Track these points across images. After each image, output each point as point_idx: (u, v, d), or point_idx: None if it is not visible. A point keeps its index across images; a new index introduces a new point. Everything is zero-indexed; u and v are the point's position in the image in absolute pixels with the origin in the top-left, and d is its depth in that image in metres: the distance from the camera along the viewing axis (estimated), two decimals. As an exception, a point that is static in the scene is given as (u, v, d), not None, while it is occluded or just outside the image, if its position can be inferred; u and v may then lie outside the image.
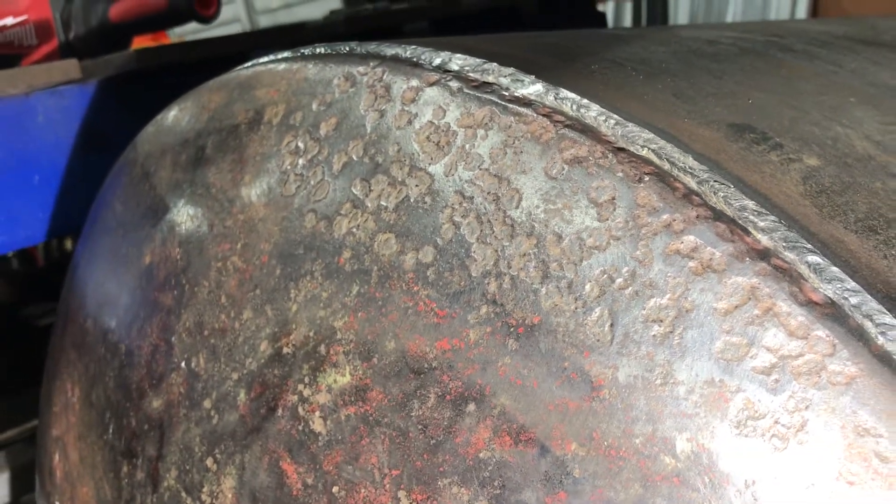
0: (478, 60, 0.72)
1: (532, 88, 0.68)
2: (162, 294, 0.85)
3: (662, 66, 0.81)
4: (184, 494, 0.78)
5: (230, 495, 0.74)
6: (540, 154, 0.64)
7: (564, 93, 0.67)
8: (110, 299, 0.94)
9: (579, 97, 0.66)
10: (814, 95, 0.84)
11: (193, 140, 0.89)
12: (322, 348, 0.70)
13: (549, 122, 0.65)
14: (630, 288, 0.58)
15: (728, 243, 0.57)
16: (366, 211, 0.70)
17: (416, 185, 0.68)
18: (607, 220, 0.60)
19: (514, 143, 0.65)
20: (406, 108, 0.71)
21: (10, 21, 1.71)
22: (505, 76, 0.69)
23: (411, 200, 0.68)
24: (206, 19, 1.66)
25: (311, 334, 0.71)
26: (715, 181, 0.60)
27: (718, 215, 0.58)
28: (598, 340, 0.58)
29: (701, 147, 0.65)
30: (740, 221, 0.58)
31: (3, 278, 2.63)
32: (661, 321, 0.57)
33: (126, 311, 0.90)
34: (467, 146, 0.67)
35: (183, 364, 0.80)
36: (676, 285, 0.57)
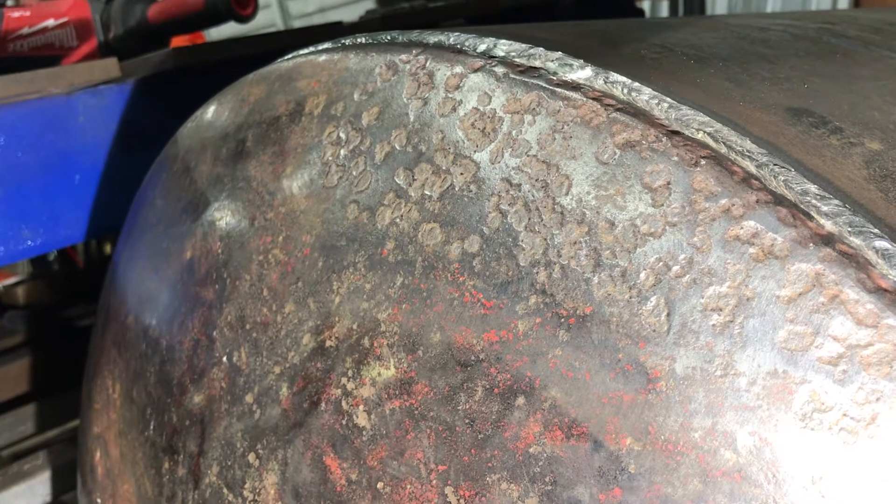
0: (523, 45, 0.70)
1: (580, 73, 0.66)
2: (203, 288, 0.84)
3: (714, 52, 0.79)
4: (225, 491, 0.77)
5: (272, 491, 0.72)
6: (590, 139, 0.62)
7: (614, 76, 0.65)
8: (151, 295, 0.94)
9: (630, 80, 0.64)
10: (871, 80, 0.80)
11: (234, 134, 0.88)
12: (366, 341, 0.68)
13: (599, 106, 0.63)
14: (687, 276, 0.56)
15: (790, 228, 0.54)
16: (409, 201, 0.69)
17: (461, 174, 0.66)
18: (662, 205, 0.58)
19: (562, 128, 0.63)
20: (450, 95, 0.70)
21: (51, 23, 1.73)
22: (552, 60, 0.67)
23: (456, 189, 0.66)
24: (244, 19, 1.66)
25: (355, 327, 0.69)
26: (774, 165, 0.57)
27: (779, 200, 0.56)
28: (654, 331, 0.56)
29: (758, 130, 0.62)
30: (802, 206, 0.55)
31: (45, 280, 2.66)
32: (721, 310, 0.54)
33: (167, 307, 0.89)
34: (514, 132, 0.65)
35: (224, 358, 0.79)
36: (736, 272, 0.55)
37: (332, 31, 1.61)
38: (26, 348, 2.17)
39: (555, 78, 0.66)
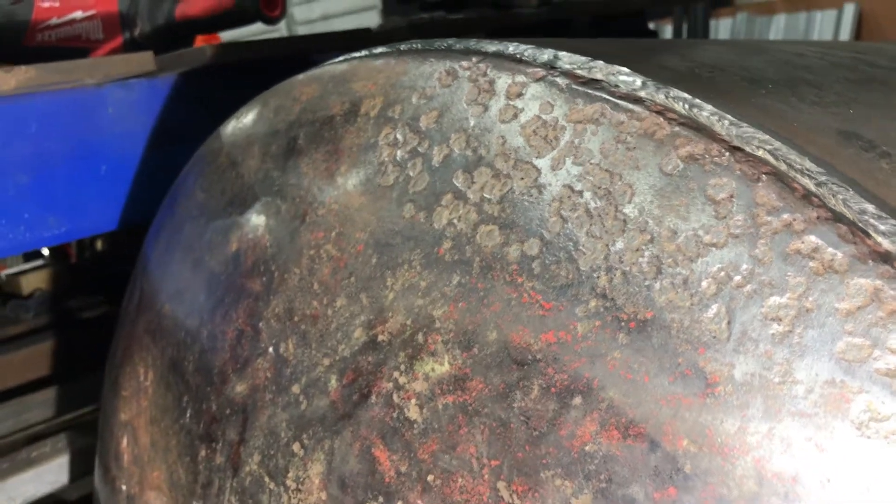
0: (584, 58, 0.72)
1: (642, 87, 0.68)
2: (249, 280, 0.86)
3: (762, 74, 0.81)
4: (267, 479, 0.78)
5: (317, 481, 0.74)
6: (654, 151, 0.64)
7: (676, 92, 0.67)
8: (191, 285, 0.95)
9: (691, 97, 0.67)
10: (910, 109, 0.83)
11: (285, 131, 0.90)
12: (420, 336, 0.70)
13: (662, 119, 0.65)
14: (749, 286, 0.58)
15: (850, 245, 0.57)
16: (468, 202, 0.70)
17: (522, 178, 0.68)
18: (725, 217, 0.60)
19: (626, 139, 0.65)
20: (511, 103, 0.72)
21: (79, 15, 1.74)
22: (613, 74, 0.70)
23: (516, 193, 0.68)
24: (273, 20, 1.68)
25: (409, 322, 0.71)
26: (833, 184, 0.60)
27: (838, 217, 0.58)
28: (715, 337, 0.58)
29: (815, 150, 0.64)
30: (861, 224, 0.57)
31: (47, 270, 2.66)
32: (781, 320, 0.56)
33: (209, 297, 0.91)
34: (576, 141, 0.67)
35: (270, 349, 0.81)
36: (797, 285, 0.57)
37: (362, 37, 1.63)
38: (30, 337, 2.18)
39: (617, 90, 0.68)
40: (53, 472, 1.50)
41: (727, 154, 0.62)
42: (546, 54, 0.73)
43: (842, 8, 5.16)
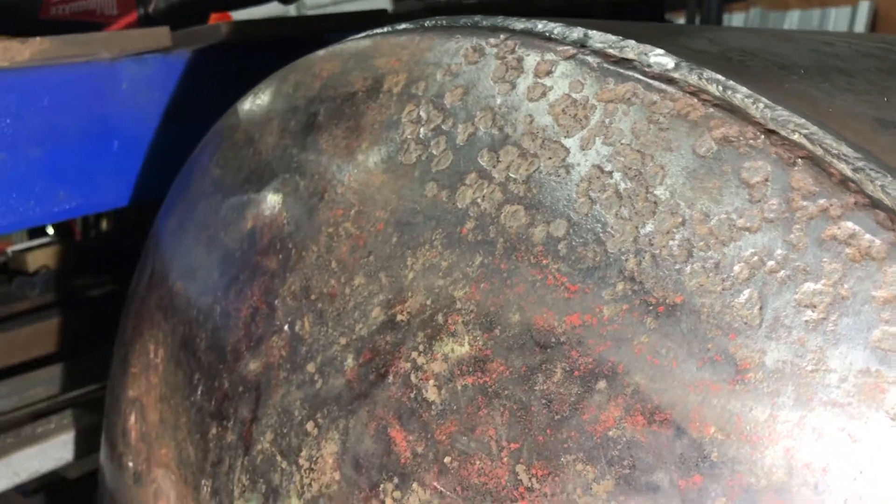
0: (615, 37, 0.70)
1: (675, 68, 0.66)
2: (265, 258, 0.84)
3: (793, 61, 0.80)
4: (279, 458, 0.77)
5: (331, 461, 0.73)
6: (687, 132, 0.63)
7: (709, 73, 0.65)
8: (205, 262, 0.94)
9: (725, 78, 0.65)
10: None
11: (304, 107, 0.88)
12: (440, 317, 0.69)
13: (696, 101, 0.64)
14: (782, 271, 0.56)
15: (889, 232, 0.55)
16: (493, 182, 0.69)
17: (550, 158, 0.67)
18: (759, 201, 0.59)
19: (658, 119, 0.64)
20: (540, 81, 0.70)
21: (93, -11, 1.73)
22: (646, 53, 0.68)
23: (543, 173, 0.67)
24: (288, 0, 1.67)
25: (429, 302, 0.69)
26: (871, 169, 0.58)
27: (876, 203, 0.56)
28: (746, 323, 0.56)
29: (851, 136, 0.63)
30: (900, 212, 0.56)
31: (53, 248, 2.65)
32: (815, 307, 0.55)
33: (223, 274, 0.90)
34: (607, 121, 0.66)
35: (286, 327, 0.80)
36: (832, 271, 0.55)
37: (378, 18, 1.62)
38: (35, 314, 2.17)
39: (649, 70, 0.67)
40: (58, 449, 1.49)
41: (762, 137, 0.61)
42: (576, 32, 0.72)
43: (856, 5, 5.13)
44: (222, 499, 0.82)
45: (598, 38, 0.70)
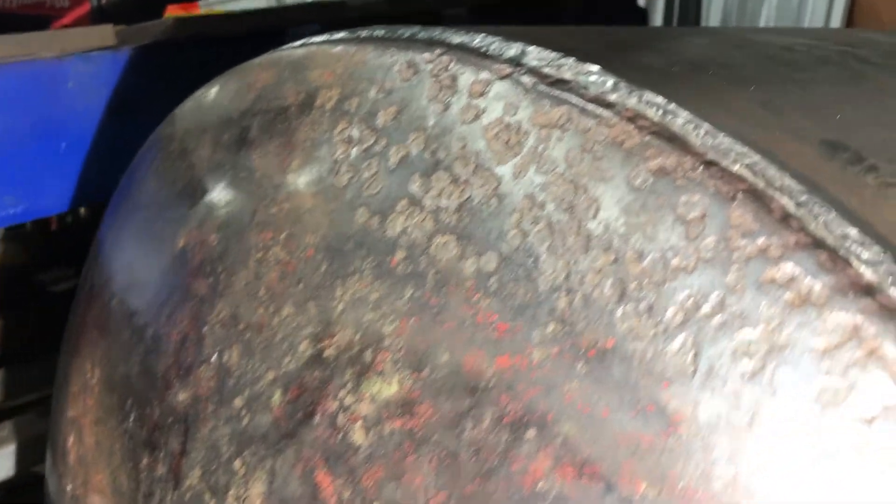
0: (553, 54, 0.66)
1: (613, 89, 0.62)
2: (195, 281, 0.80)
3: (744, 73, 0.76)
4: (208, 496, 0.74)
5: (258, 502, 0.69)
6: (622, 162, 0.59)
7: (649, 95, 0.62)
8: (139, 281, 0.90)
9: (665, 101, 0.61)
10: (901, 113, 0.78)
11: (237, 120, 0.84)
12: (368, 354, 0.65)
13: (632, 127, 0.60)
14: (718, 316, 0.53)
15: (829, 275, 0.52)
16: (424, 209, 0.65)
17: (482, 186, 0.63)
18: (696, 239, 0.55)
19: (593, 147, 0.60)
20: (474, 102, 0.66)
21: (43, -19, 1.67)
22: (583, 74, 0.64)
23: (475, 202, 0.63)
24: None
25: (357, 338, 0.66)
26: (815, 204, 0.55)
27: (819, 243, 0.53)
28: (679, 372, 0.53)
29: (797, 164, 0.59)
30: (842, 251, 0.53)
31: (18, 241, 2.59)
32: (752, 356, 0.52)
33: (155, 295, 0.86)
34: (540, 148, 0.62)
35: (214, 357, 0.76)
36: (770, 317, 0.52)
37: (334, 10, 1.56)
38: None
39: (585, 93, 0.63)
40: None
41: (701, 168, 0.57)
42: (513, 49, 0.68)
43: (838, -14, 5.07)
44: (153, 533, 0.79)
45: (535, 56, 0.66)
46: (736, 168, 0.57)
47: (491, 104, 0.65)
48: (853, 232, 0.53)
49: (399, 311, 0.64)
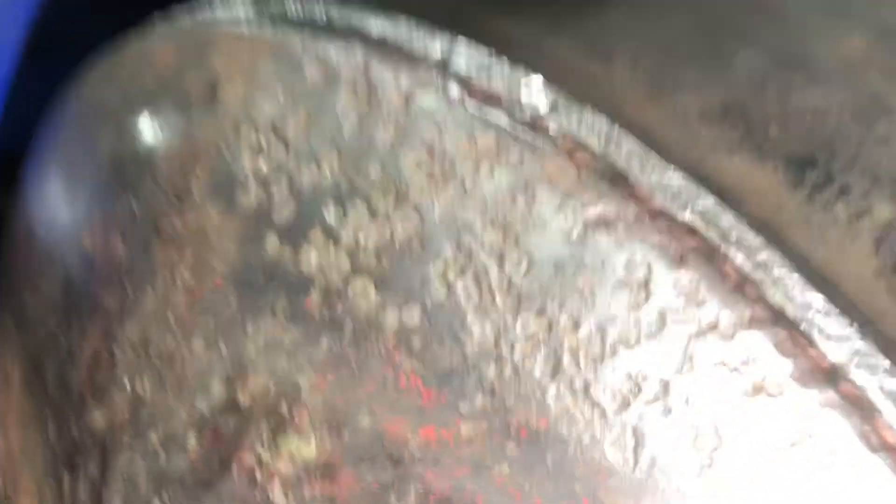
0: (485, 56, 0.57)
1: (551, 110, 0.54)
2: (104, 291, 0.73)
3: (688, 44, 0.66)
4: (130, 532, 0.69)
5: (180, 548, 0.65)
6: (557, 208, 0.51)
7: (588, 115, 0.53)
8: (48, 278, 0.82)
9: (609, 122, 0.53)
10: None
11: (138, 105, 0.74)
12: (284, 407, 0.59)
13: (570, 164, 0.52)
14: (662, 402, 0.47)
15: (788, 359, 0.46)
16: (339, 245, 0.58)
17: (402, 224, 0.55)
18: (638, 308, 0.48)
19: (525, 187, 0.52)
20: (393, 120, 0.57)
21: None
22: (518, 85, 0.55)
23: (396, 244, 0.55)
24: None
25: (272, 386, 0.60)
26: (776, 264, 0.48)
27: (778, 317, 0.46)
28: (619, 464, 0.48)
29: (757, 203, 0.52)
30: (804, 326, 0.46)
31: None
32: (700, 450, 0.46)
33: (65, 299, 0.78)
34: (468, 183, 0.54)
35: (126, 383, 0.70)
36: (720, 408, 0.46)
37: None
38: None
39: (520, 115, 0.54)
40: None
41: (647, 220, 0.49)
42: (439, 46, 0.58)
43: None
44: (80, 559, 0.75)
45: (464, 57, 0.57)
46: (687, 217, 0.49)
47: (413, 124, 0.57)
48: (818, 300, 0.47)
49: (315, 362, 0.58)
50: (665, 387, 0.47)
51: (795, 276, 0.47)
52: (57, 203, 0.84)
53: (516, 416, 0.50)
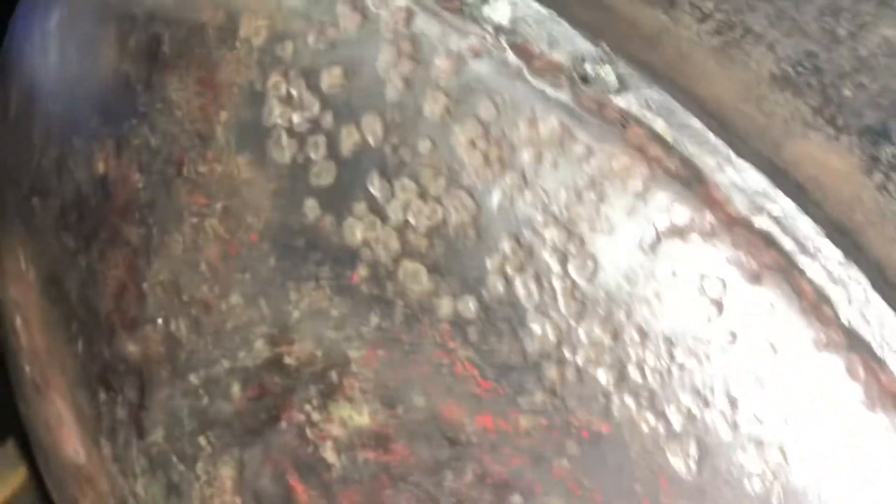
0: (543, 14, 0.52)
1: (620, 88, 0.50)
2: (124, 223, 0.70)
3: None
4: (175, 458, 0.71)
5: (229, 483, 0.67)
6: (628, 211, 0.48)
7: (660, 96, 0.49)
8: (57, 187, 0.78)
9: (682, 105, 0.49)
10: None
11: (143, 22, 0.67)
12: (333, 375, 0.59)
13: (641, 161, 0.48)
14: (729, 418, 0.47)
15: (855, 382, 0.46)
16: (387, 223, 0.55)
17: (456, 210, 0.52)
18: (710, 324, 0.47)
19: (592, 185, 0.49)
20: (443, 86, 0.53)
21: None
22: (580, 58, 0.50)
23: (450, 229, 0.53)
24: None
25: (319, 354, 0.59)
26: (853, 280, 0.46)
27: (853, 343, 0.46)
28: (681, 471, 0.49)
29: (834, 199, 0.49)
30: (877, 348, 0.46)
31: None
32: (762, 475, 0.47)
33: (79, 220, 0.75)
34: (529, 173, 0.50)
35: (160, 321, 0.69)
36: (788, 426, 0.47)
37: None
38: None
39: (583, 94, 0.50)
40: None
41: (723, 229, 0.47)
42: (500, 5, 0.52)
43: None
44: (125, 469, 0.78)
45: (527, 21, 0.51)
46: (763, 224, 0.47)
47: (465, 96, 0.52)
48: (893, 320, 0.46)
49: (365, 338, 0.57)
50: (733, 403, 0.47)
51: (872, 291, 0.46)
52: (64, 94, 0.78)
53: (577, 417, 0.50)
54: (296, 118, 0.58)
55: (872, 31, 0.60)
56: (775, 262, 0.46)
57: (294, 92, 0.58)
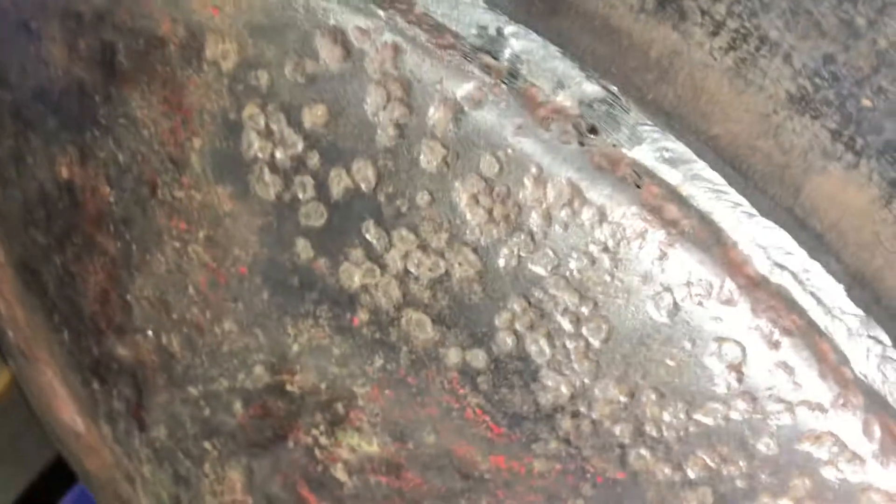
0: (545, 50, 0.47)
1: (633, 138, 0.46)
2: (99, 234, 0.66)
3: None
4: (181, 455, 0.72)
5: (239, 485, 0.68)
6: (643, 277, 0.47)
7: (681, 148, 0.46)
8: (14, 179, 0.73)
9: (704, 167, 0.46)
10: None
11: (92, 24, 0.60)
12: (340, 407, 0.58)
13: (658, 224, 0.46)
14: (743, 482, 0.48)
15: (873, 444, 0.46)
16: (387, 272, 0.52)
17: (461, 265, 0.50)
18: (727, 390, 0.47)
19: (607, 250, 0.47)
20: (440, 137, 0.49)
21: None
22: (592, 103, 0.47)
23: (454, 283, 0.51)
24: None
25: (323, 387, 0.58)
26: (873, 339, 0.46)
27: (873, 403, 0.46)
28: (695, 519, 0.50)
29: (853, 244, 0.48)
30: (893, 403, 0.46)
31: None
32: (777, 523, 0.49)
33: (47, 219, 0.71)
34: (538, 235, 0.48)
35: (150, 333, 0.67)
36: (801, 483, 0.48)
37: None
38: None
39: (596, 145, 0.47)
40: None
41: (742, 295, 0.46)
42: (499, 40, 0.48)
43: None
44: (129, 452, 0.78)
45: (526, 59, 0.47)
46: (784, 280, 0.46)
47: (465, 148, 0.48)
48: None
49: (370, 377, 0.56)
50: (750, 464, 0.48)
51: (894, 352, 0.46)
52: (10, 83, 0.72)
53: (592, 465, 0.51)
54: (278, 154, 0.54)
55: (892, 14, 0.55)
56: (796, 326, 0.45)
57: (274, 127, 0.53)
